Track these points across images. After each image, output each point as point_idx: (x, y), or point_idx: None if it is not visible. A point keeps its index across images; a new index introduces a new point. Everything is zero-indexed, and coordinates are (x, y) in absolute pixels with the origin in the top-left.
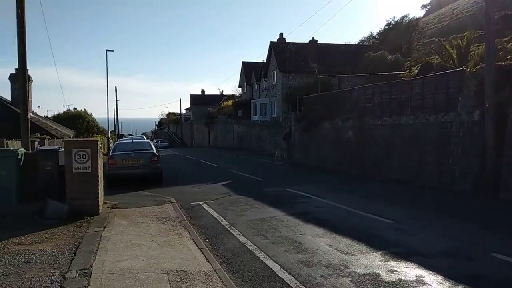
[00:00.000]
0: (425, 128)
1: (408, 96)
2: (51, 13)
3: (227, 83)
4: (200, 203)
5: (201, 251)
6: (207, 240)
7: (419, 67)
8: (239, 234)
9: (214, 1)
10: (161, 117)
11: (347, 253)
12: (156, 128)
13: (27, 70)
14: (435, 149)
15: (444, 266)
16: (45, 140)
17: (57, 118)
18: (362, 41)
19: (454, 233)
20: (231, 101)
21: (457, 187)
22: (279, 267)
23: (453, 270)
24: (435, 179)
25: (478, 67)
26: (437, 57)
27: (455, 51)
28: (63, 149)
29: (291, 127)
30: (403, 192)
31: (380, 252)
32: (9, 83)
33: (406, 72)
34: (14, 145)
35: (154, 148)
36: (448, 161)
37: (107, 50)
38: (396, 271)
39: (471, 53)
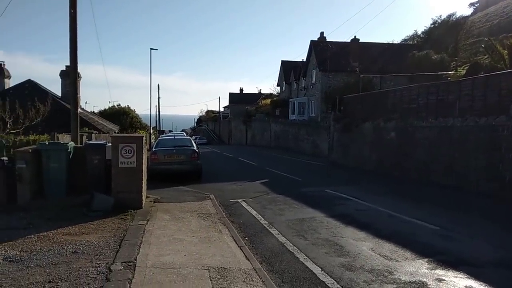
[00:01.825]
0: (473, 131)
1: (456, 97)
2: (99, 12)
3: (266, 82)
4: (239, 200)
5: (241, 249)
6: (246, 238)
7: (466, 67)
8: (278, 234)
9: (254, 1)
10: (200, 115)
11: (391, 259)
12: (195, 125)
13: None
14: (484, 153)
15: (495, 278)
16: (93, 134)
17: (103, 114)
18: (405, 40)
19: (504, 242)
20: (269, 100)
21: (507, 194)
22: (320, 269)
23: (506, 283)
24: (484, 185)
25: None
26: (486, 57)
27: (506, 51)
28: (110, 144)
29: (330, 127)
30: (448, 197)
31: (426, 260)
32: (60, 80)
33: (452, 72)
34: (64, 139)
35: (194, 145)
36: (498, 166)
37: (151, 49)
38: (444, 280)
39: None
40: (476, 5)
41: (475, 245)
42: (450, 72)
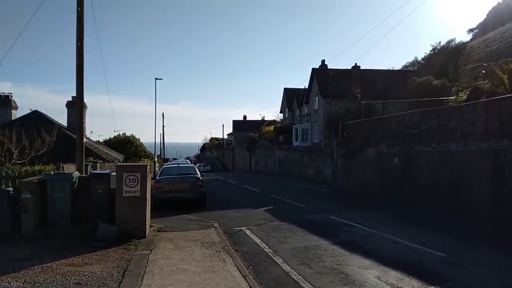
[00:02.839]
0: (476, 156)
1: (458, 122)
2: (106, 43)
3: (269, 109)
4: (243, 228)
5: (245, 279)
6: (251, 267)
7: (467, 92)
8: (283, 262)
9: (257, 29)
10: (204, 142)
11: (397, 287)
12: (199, 152)
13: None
14: (488, 178)
15: None
16: (97, 164)
17: (108, 143)
18: (406, 66)
19: (511, 269)
20: (272, 127)
21: None
22: None
23: None
24: (488, 210)
25: None
26: (486, 82)
27: (506, 76)
28: (115, 173)
29: (333, 153)
30: (453, 222)
31: None
32: (66, 110)
33: (454, 97)
34: (69, 168)
35: (198, 172)
36: (503, 191)
37: (156, 79)
38: None
39: None
40: (474, 31)
41: (483, 273)
42: (451, 97)
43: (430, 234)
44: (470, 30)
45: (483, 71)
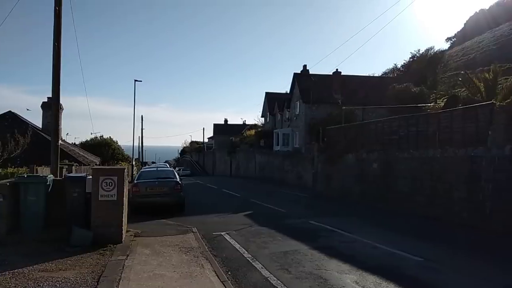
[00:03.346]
0: (454, 163)
1: (436, 129)
2: (84, 44)
3: (250, 113)
4: (222, 233)
5: (224, 284)
6: (229, 273)
7: (445, 100)
8: (262, 268)
9: (239, 33)
10: (184, 146)
11: None
12: (179, 156)
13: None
14: (464, 184)
15: None
16: (73, 167)
17: (84, 145)
18: (386, 73)
19: (487, 274)
20: (253, 131)
21: (488, 225)
22: None
23: None
24: (465, 216)
25: (508, 100)
26: (463, 89)
27: (482, 84)
28: (91, 177)
29: (314, 158)
30: (431, 228)
31: None
32: (41, 111)
33: (432, 104)
34: (44, 171)
35: (177, 176)
36: (478, 197)
37: (135, 80)
38: None
39: (499, 86)
40: (453, 40)
41: (459, 277)
42: (429, 104)
43: (409, 239)
44: (449, 39)
45: (460, 79)
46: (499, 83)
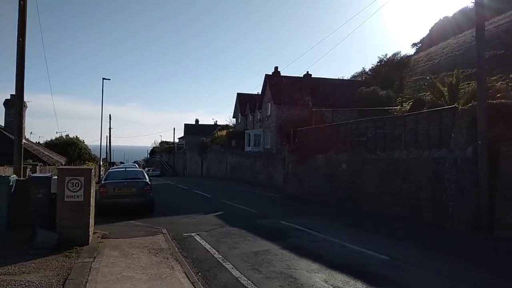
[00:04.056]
0: (418, 164)
1: (402, 131)
2: (48, 39)
3: (221, 114)
4: (193, 234)
5: (194, 285)
6: (200, 274)
7: (411, 103)
8: (233, 268)
9: (209, 31)
10: (154, 146)
11: None
12: (148, 156)
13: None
14: (429, 185)
15: None
16: (37, 167)
17: (49, 145)
18: (354, 76)
19: (451, 271)
20: (225, 131)
21: (451, 224)
22: None
23: None
24: (430, 216)
25: (470, 104)
26: (428, 93)
27: (446, 88)
28: (56, 177)
29: (285, 159)
30: (398, 227)
31: None
32: (3, 109)
33: (398, 107)
34: (6, 171)
35: (147, 177)
36: (442, 197)
37: (103, 79)
38: None
39: (462, 91)
40: (418, 45)
41: (423, 275)
42: (396, 108)
43: (376, 238)
44: (414, 44)
45: (425, 84)
46: (461, 88)
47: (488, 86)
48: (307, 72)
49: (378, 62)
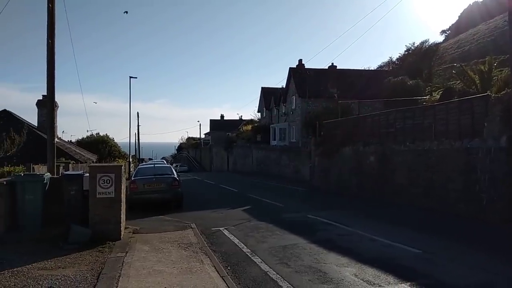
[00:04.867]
0: (450, 154)
1: (432, 122)
2: (78, 40)
3: (246, 108)
4: (221, 229)
5: (223, 279)
6: (229, 268)
7: (440, 92)
8: (261, 262)
9: (234, 28)
10: (181, 142)
11: (374, 284)
12: (176, 152)
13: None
14: (461, 176)
15: None
16: (70, 164)
17: (81, 143)
18: (381, 66)
19: (484, 264)
20: (250, 126)
21: (485, 216)
22: None
23: None
24: (462, 207)
25: (503, 92)
26: (458, 82)
27: (477, 76)
28: (88, 174)
29: (310, 152)
30: (428, 219)
31: (408, 284)
32: (36, 109)
33: (427, 97)
34: (40, 170)
35: (175, 172)
36: (475, 188)
37: (130, 77)
38: None
39: (494, 78)
40: (447, 32)
41: (456, 268)
42: (425, 97)
43: (406, 231)
44: (443, 31)
45: (454, 72)
46: (493, 75)
47: None
48: (332, 63)
49: (405, 51)
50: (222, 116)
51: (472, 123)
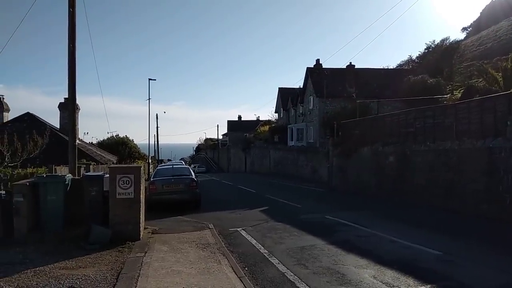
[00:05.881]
0: (471, 154)
1: (453, 121)
2: (98, 44)
3: (264, 109)
4: (238, 229)
5: (241, 280)
6: (246, 268)
7: (462, 91)
8: (279, 263)
9: (252, 29)
10: (199, 143)
11: (393, 286)
12: (194, 153)
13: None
14: (483, 175)
15: None
16: (91, 166)
17: (101, 144)
18: (400, 65)
19: (506, 266)
20: (267, 127)
21: (508, 217)
22: None
23: None
24: (484, 208)
25: None
26: (480, 80)
27: (500, 74)
28: (108, 175)
29: (328, 152)
30: (449, 220)
31: (429, 286)
32: (58, 112)
33: (448, 96)
34: (62, 171)
35: (193, 173)
36: (498, 189)
37: (149, 79)
38: None
39: None
40: (468, 29)
41: (477, 270)
42: (446, 96)
43: (426, 232)
44: (464, 29)
45: (475, 70)
46: None
47: None
48: (350, 63)
49: (425, 49)
50: (239, 117)
51: (495, 122)
